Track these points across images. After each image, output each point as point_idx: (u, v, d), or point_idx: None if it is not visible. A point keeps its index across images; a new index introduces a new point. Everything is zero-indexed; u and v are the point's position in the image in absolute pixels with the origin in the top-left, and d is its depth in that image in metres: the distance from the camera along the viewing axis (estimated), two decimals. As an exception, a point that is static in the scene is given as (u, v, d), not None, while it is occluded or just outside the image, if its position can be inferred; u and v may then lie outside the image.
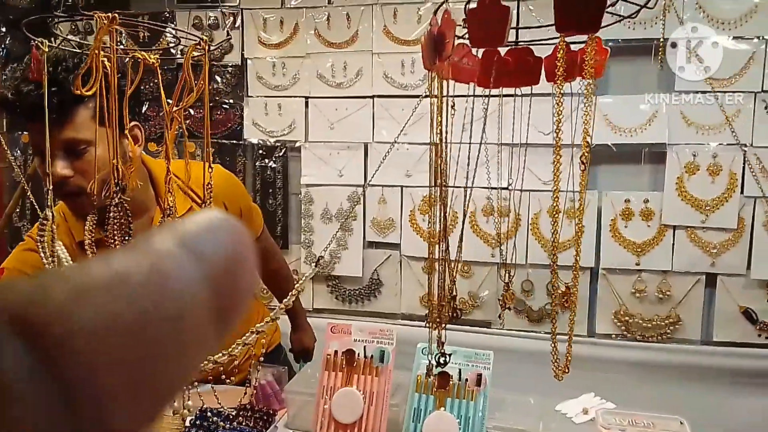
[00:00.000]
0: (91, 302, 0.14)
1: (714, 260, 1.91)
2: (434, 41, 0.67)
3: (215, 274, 0.17)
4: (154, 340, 0.15)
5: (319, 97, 2.17)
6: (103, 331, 0.14)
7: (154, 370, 0.15)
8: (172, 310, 0.15)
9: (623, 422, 1.15)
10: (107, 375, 0.14)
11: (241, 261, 0.18)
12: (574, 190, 1.99)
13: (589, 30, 0.60)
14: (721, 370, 1.89)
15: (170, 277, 0.16)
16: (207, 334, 0.17)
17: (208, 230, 0.18)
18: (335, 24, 2.14)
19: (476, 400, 1.19)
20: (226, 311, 0.17)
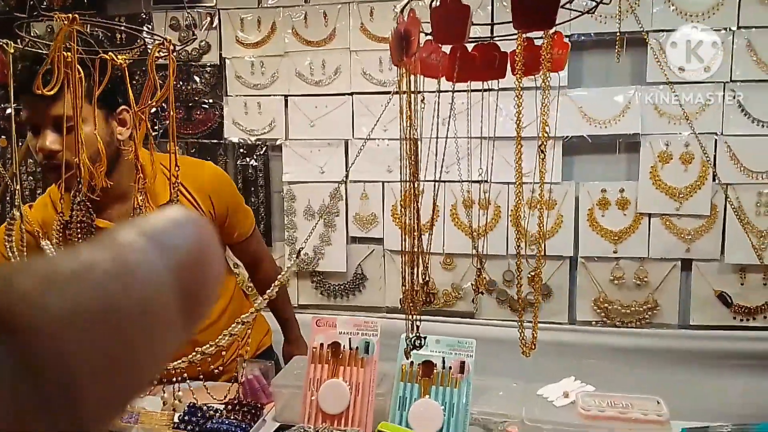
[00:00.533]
0: (57, 290, 0.14)
1: (689, 246, 1.97)
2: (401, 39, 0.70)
3: (180, 264, 0.17)
4: (121, 327, 0.15)
5: (298, 95, 2.19)
6: (70, 318, 0.14)
7: (122, 357, 0.15)
8: (137, 299, 0.16)
9: (602, 404, 1.19)
10: (75, 361, 0.14)
11: (205, 251, 0.18)
12: (552, 182, 2.04)
13: (545, 26, 0.63)
14: (697, 353, 1.94)
15: (135, 266, 0.16)
16: (175, 323, 0.17)
17: (171, 223, 0.18)
18: (312, 22, 2.16)
19: (460, 387, 1.22)
20: (193, 300, 0.18)
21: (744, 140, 1.91)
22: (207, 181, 1.36)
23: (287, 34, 2.19)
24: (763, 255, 1.94)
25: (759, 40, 1.89)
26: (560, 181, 2.03)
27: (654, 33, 1.95)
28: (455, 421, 1.19)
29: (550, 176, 2.03)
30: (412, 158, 0.77)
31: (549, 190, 2.05)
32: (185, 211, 0.19)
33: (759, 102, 1.90)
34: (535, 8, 0.61)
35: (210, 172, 1.39)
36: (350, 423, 1.25)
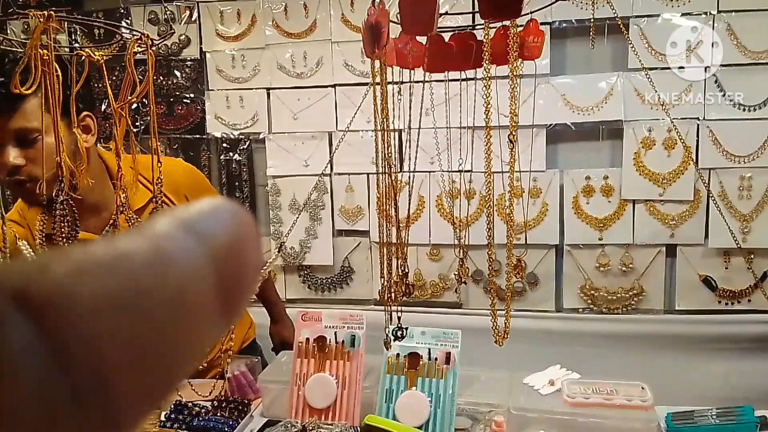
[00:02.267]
0: (91, 278, 0.14)
1: (673, 231, 1.98)
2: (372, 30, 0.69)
3: (218, 255, 0.17)
4: (157, 317, 0.15)
5: (280, 88, 2.17)
6: (104, 307, 0.14)
7: (157, 348, 0.15)
8: (174, 289, 0.15)
9: (587, 391, 1.19)
10: (108, 352, 0.14)
11: (244, 242, 0.18)
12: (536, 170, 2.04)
13: (512, 15, 0.63)
14: (683, 338, 1.96)
15: (172, 256, 0.16)
16: (212, 315, 0.17)
17: (209, 213, 0.18)
18: (293, 14, 2.14)
19: (446, 378, 1.23)
20: (231, 292, 0.17)
21: (725, 124, 1.92)
22: (180, 180, 1.34)
23: (268, 27, 2.17)
24: (747, 238, 1.95)
25: (739, 24, 1.89)
26: (544, 169, 2.03)
27: (635, 19, 1.95)
28: (442, 412, 1.19)
29: (535, 165, 2.03)
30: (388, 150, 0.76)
31: (533, 179, 2.05)
32: (223, 200, 0.19)
33: (739, 86, 1.91)
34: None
35: (182, 170, 1.37)
36: (337, 417, 1.25)
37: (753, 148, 1.92)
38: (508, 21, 0.70)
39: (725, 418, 1.24)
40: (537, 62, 2.09)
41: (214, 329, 0.17)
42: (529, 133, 2.02)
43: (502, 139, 1.98)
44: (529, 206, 2.06)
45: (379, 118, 0.77)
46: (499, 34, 0.74)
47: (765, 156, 1.92)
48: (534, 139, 2.02)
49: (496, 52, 0.73)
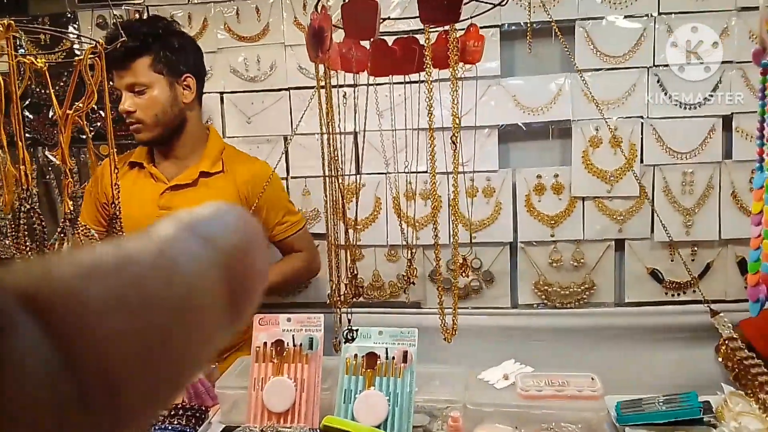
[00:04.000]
0: (99, 281, 0.14)
1: (621, 227, 2.05)
2: (314, 35, 0.70)
3: (224, 258, 0.17)
4: (164, 320, 0.15)
5: (233, 92, 2.16)
6: (112, 310, 0.14)
7: (164, 350, 0.15)
8: (180, 292, 0.15)
9: (540, 383, 1.23)
10: (116, 353, 0.14)
11: (250, 245, 0.18)
12: (489, 170, 2.08)
13: (450, 21, 0.65)
14: (632, 329, 2.03)
15: (178, 259, 0.16)
16: (219, 317, 0.17)
17: (214, 217, 0.18)
18: (245, 18, 2.13)
19: (404, 377, 1.25)
20: (237, 294, 0.17)
21: (668, 123, 2.00)
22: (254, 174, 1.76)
23: (220, 31, 2.15)
24: (690, 231, 2.04)
25: (678, 25, 1.97)
26: (497, 169, 2.07)
27: (581, 21, 2.01)
28: (400, 410, 1.21)
29: (488, 165, 2.07)
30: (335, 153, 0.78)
31: (487, 178, 2.09)
32: (228, 204, 0.19)
33: (680, 85, 1.99)
34: (440, 3, 0.62)
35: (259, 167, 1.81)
36: (296, 420, 1.26)
37: (694, 145, 2.00)
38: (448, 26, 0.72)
39: (671, 405, 1.29)
40: (488, 64, 2.14)
41: (221, 331, 0.17)
42: (482, 134, 2.06)
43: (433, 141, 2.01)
44: (483, 205, 2.10)
45: (324, 122, 0.78)
46: (442, 39, 0.76)
47: (706, 152, 2.00)
48: (486, 140, 2.06)
49: (438, 56, 0.76)
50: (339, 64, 0.81)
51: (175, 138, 1.72)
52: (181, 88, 1.68)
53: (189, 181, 1.69)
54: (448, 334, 0.83)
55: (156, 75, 1.63)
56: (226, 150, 1.80)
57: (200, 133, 1.77)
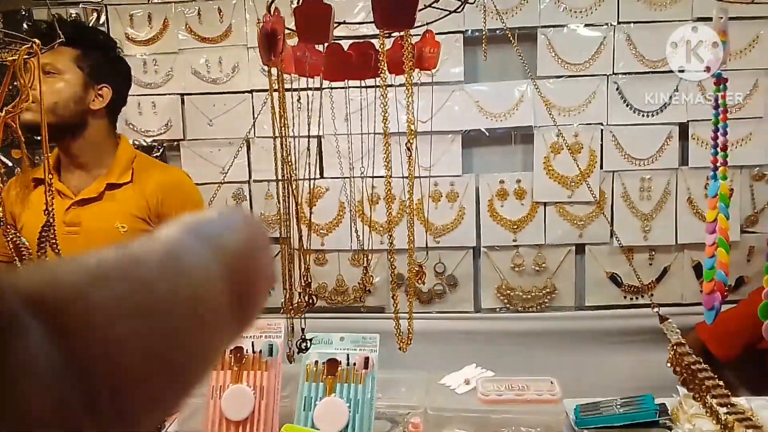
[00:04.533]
0: (106, 285, 0.14)
1: (581, 231, 2.08)
2: (267, 37, 0.69)
3: (229, 262, 0.17)
4: (171, 324, 0.15)
5: (195, 93, 2.12)
6: (119, 313, 0.14)
7: (171, 354, 0.15)
8: (187, 296, 0.15)
9: (500, 388, 1.24)
10: (123, 356, 0.14)
11: (255, 249, 0.18)
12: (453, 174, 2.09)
13: (405, 26, 0.64)
14: (592, 332, 2.06)
15: (184, 263, 0.16)
16: (225, 320, 0.16)
17: (219, 219, 0.18)
18: (207, 18, 2.10)
19: (365, 383, 1.23)
20: (243, 298, 0.17)
21: (626, 129, 2.04)
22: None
23: (181, 31, 2.11)
24: (648, 236, 2.08)
25: (637, 35, 2.01)
26: (461, 174, 2.08)
27: (543, 29, 2.04)
28: (360, 417, 1.20)
29: (451, 169, 2.08)
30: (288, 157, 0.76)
31: (450, 183, 2.10)
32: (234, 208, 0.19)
33: (638, 93, 2.03)
34: (395, 8, 0.62)
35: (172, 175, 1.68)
36: (255, 428, 1.23)
37: (652, 152, 2.05)
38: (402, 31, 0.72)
39: (628, 408, 1.32)
40: (452, 70, 2.15)
41: (226, 335, 0.17)
42: (445, 139, 2.07)
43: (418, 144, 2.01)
44: (446, 210, 2.11)
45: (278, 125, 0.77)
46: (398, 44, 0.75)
47: (663, 159, 2.05)
48: (450, 145, 2.07)
49: (394, 61, 0.75)
50: (293, 68, 0.80)
51: (71, 140, 1.56)
52: (95, 93, 1.56)
53: (95, 194, 1.56)
54: (403, 344, 0.82)
55: (75, 69, 1.53)
56: (138, 159, 1.66)
57: (107, 144, 1.62)
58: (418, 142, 2.10)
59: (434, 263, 2.15)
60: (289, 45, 0.86)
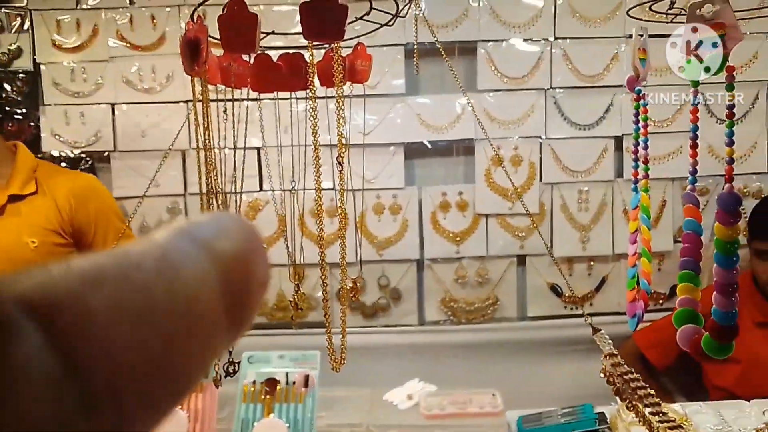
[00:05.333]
0: (101, 289, 0.14)
1: (522, 243, 2.10)
2: (189, 46, 0.66)
3: (225, 265, 0.17)
4: (167, 328, 0.15)
5: (126, 103, 2.03)
6: (116, 317, 0.14)
7: (167, 359, 0.15)
8: (183, 300, 0.15)
9: (443, 402, 1.22)
10: (119, 361, 0.14)
11: (250, 253, 0.18)
12: (396, 187, 2.07)
13: (334, 38, 0.62)
14: (534, 343, 2.08)
15: (180, 266, 0.16)
16: (220, 324, 0.17)
17: (213, 223, 0.18)
18: (139, 26, 2.02)
19: (305, 402, 1.19)
20: (238, 302, 0.17)
21: (564, 142, 2.08)
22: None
23: (111, 38, 2.03)
24: (586, 247, 2.12)
25: (573, 50, 2.06)
26: (403, 186, 2.07)
27: (483, 43, 2.06)
28: (300, 437, 1.15)
29: (393, 182, 2.07)
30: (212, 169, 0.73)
31: (393, 195, 2.08)
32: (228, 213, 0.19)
33: (575, 107, 2.08)
34: (323, 19, 0.60)
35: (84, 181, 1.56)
36: (188, 453, 1.17)
37: (589, 164, 2.09)
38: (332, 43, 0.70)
39: (569, 417, 1.32)
40: (393, 82, 2.14)
41: (221, 340, 0.17)
42: (387, 151, 2.06)
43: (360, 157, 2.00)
44: (390, 223, 2.10)
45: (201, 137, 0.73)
46: (329, 56, 0.73)
47: (600, 171, 2.10)
48: (393, 157, 2.06)
49: (326, 73, 0.73)
50: (218, 78, 0.77)
51: None
52: None
53: None
54: (336, 363, 0.79)
55: None
56: (41, 168, 1.55)
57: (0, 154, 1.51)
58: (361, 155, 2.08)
59: (378, 276, 2.13)
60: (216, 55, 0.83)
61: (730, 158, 0.70)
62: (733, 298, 0.69)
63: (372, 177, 2.07)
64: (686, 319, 0.74)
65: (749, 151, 2.10)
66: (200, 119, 0.73)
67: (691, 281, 0.76)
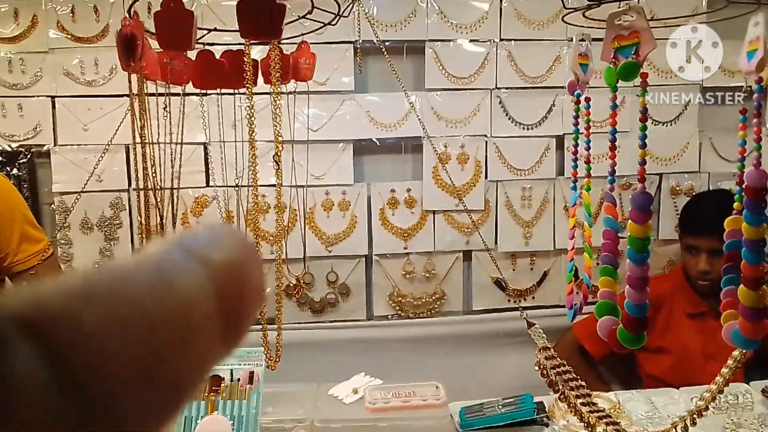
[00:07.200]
0: (97, 303, 0.14)
1: (468, 239, 2.15)
2: (125, 42, 0.66)
3: (219, 278, 0.17)
4: (161, 342, 0.15)
5: (67, 96, 1.98)
6: (110, 332, 0.14)
7: (162, 373, 0.15)
8: (177, 313, 0.15)
9: (387, 395, 1.25)
10: (115, 376, 0.14)
11: (245, 265, 0.18)
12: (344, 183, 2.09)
13: (271, 36, 0.63)
14: (479, 335, 2.13)
15: (174, 280, 0.16)
16: (215, 337, 0.17)
17: (209, 236, 0.18)
18: (81, 17, 1.96)
19: (249, 398, 1.20)
20: (233, 315, 0.17)
21: (509, 141, 2.14)
22: None
23: (52, 29, 1.97)
24: (529, 242, 2.19)
25: (517, 51, 2.12)
26: (352, 183, 2.09)
27: (431, 42, 2.09)
28: (244, 433, 1.16)
29: (342, 178, 2.09)
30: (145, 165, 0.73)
31: (342, 192, 2.10)
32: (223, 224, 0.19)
33: (519, 107, 2.13)
34: (261, 18, 0.61)
35: None
36: (130, 452, 1.16)
37: (531, 162, 2.16)
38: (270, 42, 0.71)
39: (509, 407, 1.37)
40: (342, 79, 2.15)
41: (216, 352, 0.17)
42: (336, 148, 2.07)
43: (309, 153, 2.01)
44: (339, 219, 2.11)
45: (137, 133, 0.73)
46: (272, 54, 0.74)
47: (542, 169, 2.17)
48: (341, 154, 2.08)
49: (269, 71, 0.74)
50: (159, 75, 0.76)
51: None
52: None
53: None
54: (271, 362, 0.80)
55: None
56: None
57: None
58: (311, 151, 2.09)
59: (326, 272, 2.14)
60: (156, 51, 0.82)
61: (642, 159, 0.75)
62: (645, 292, 0.74)
63: (321, 173, 2.08)
64: (606, 311, 0.79)
65: (682, 151, 2.21)
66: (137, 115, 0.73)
67: (610, 275, 0.80)
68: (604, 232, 0.82)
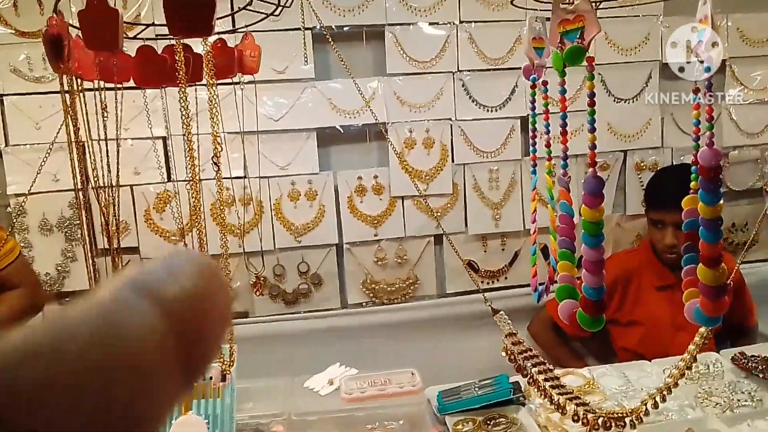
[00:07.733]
0: (33, 363, 0.13)
1: (438, 222, 2.14)
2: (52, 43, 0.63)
3: (176, 314, 0.16)
4: (109, 393, 0.14)
5: (16, 94, 1.90)
6: (46, 393, 0.13)
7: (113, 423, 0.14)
8: (128, 360, 0.15)
9: (363, 385, 1.24)
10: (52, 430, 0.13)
11: (204, 294, 0.17)
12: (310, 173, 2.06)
13: (202, 33, 0.61)
14: (453, 318, 2.14)
15: (123, 324, 0.15)
16: (173, 377, 0.16)
17: (164, 268, 0.17)
18: (25, 11, 1.88)
19: (223, 396, 1.17)
20: (192, 351, 0.16)
21: (473, 124, 2.13)
22: None
23: (-5, 24, 1.88)
24: (499, 224, 2.19)
25: (477, 33, 2.11)
26: (318, 172, 2.07)
27: (390, 26, 2.06)
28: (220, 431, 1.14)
29: (309, 168, 2.06)
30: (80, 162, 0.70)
31: (308, 181, 2.07)
32: (182, 250, 0.18)
33: (482, 89, 2.13)
34: (189, 14, 0.58)
35: None
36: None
37: (497, 144, 2.16)
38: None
39: (486, 389, 1.37)
40: (302, 67, 2.11)
41: (176, 392, 0.16)
42: (300, 137, 2.04)
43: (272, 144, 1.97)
44: (306, 208, 2.08)
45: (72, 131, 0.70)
46: (217, 48, 0.71)
47: (507, 150, 2.17)
48: (305, 143, 2.04)
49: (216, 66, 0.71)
50: (94, 74, 0.73)
51: None
52: None
53: None
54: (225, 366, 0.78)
55: None
56: None
57: None
58: (273, 141, 2.05)
59: (297, 263, 2.12)
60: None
61: (592, 144, 0.74)
62: (601, 275, 0.74)
63: (285, 164, 2.05)
64: (565, 295, 0.79)
65: (644, 127, 2.23)
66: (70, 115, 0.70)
67: (568, 259, 0.80)
68: (560, 217, 0.82)
